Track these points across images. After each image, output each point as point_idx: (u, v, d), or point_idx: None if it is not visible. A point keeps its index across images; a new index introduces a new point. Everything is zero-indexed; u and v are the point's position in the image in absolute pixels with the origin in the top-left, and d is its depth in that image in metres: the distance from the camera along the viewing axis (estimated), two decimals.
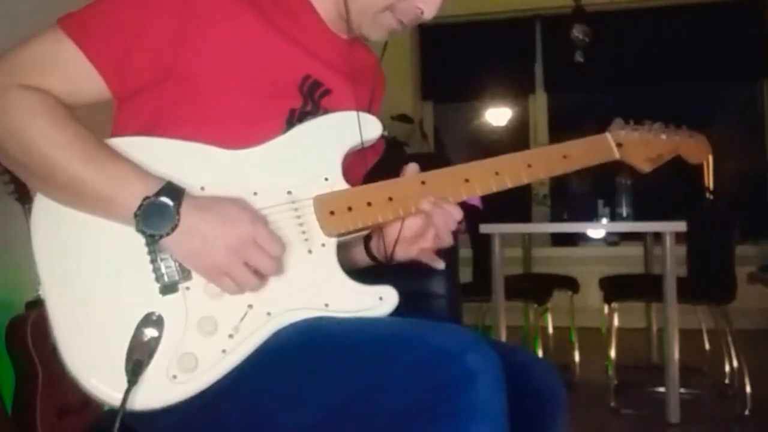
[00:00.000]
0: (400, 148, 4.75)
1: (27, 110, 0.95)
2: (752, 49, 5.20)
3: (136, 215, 0.92)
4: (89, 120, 1.01)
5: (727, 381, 3.46)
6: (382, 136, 1.12)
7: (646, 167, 1.21)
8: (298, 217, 1.03)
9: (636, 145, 1.20)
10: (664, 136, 1.23)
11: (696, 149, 1.26)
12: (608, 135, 1.20)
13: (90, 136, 0.97)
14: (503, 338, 3.33)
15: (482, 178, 1.10)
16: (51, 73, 0.98)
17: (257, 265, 0.95)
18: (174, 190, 0.94)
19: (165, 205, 0.93)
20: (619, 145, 1.19)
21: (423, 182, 1.09)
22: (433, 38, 5.64)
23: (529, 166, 1.13)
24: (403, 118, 5.01)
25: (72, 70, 0.99)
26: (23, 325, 2.06)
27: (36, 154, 0.94)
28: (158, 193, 0.93)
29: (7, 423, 2.04)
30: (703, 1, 5.20)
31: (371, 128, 1.10)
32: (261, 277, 0.96)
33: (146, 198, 0.92)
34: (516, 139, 5.76)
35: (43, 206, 0.99)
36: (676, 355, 3.07)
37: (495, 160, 1.12)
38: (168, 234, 0.93)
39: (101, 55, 0.99)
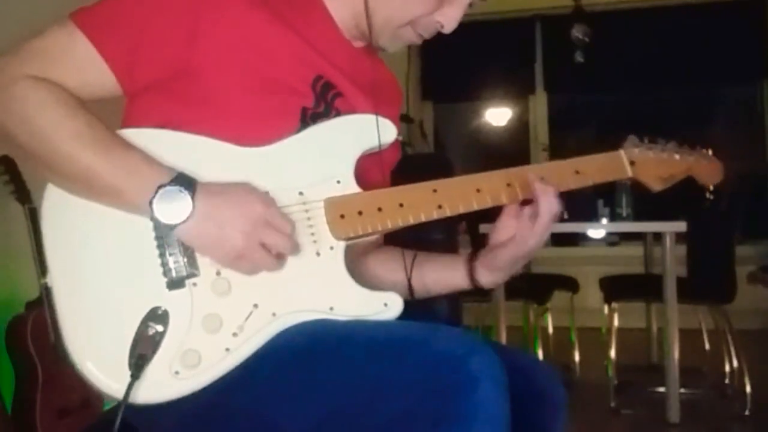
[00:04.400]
0: (400, 148, 4.75)
1: (38, 100, 0.95)
2: (752, 49, 5.20)
3: (151, 203, 0.92)
4: (99, 115, 1.01)
5: (727, 381, 3.46)
6: (396, 140, 1.13)
7: (657, 186, 1.21)
8: (309, 218, 1.03)
9: (649, 164, 1.20)
10: (677, 156, 1.22)
11: (708, 172, 1.25)
12: (622, 152, 1.19)
13: (100, 126, 0.97)
14: (503, 338, 3.34)
15: (494, 188, 1.10)
16: (63, 66, 0.99)
17: (273, 244, 0.96)
18: (187, 179, 0.94)
19: (180, 192, 0.93)
20: (632, 162, 1.18)
21: (434, 190, 1.09)
22: (433, 38, 5.62)
23: (541, 179, 1.12)
24: (404, 118, 5.00)
25: (83, 64, 0.99)
26: (23, 325, 2.06)
27: (46, 144, 0.94)
28: (172, 182, 0.93)
29: (7, 423, 2.04)
30: (703, 1, 5.19)
31: (386, 132, 1.10)
32: (278, 256, 0.97)
33: (161, 186, 0.93)
34: (516, 139, 5.76)
35: (54, 195, 0.99)
36: (676, 355, 3.07)
37: (508, 171, 1.12)
38: (184, 222, 0.93)
39: (112, 49, 0.99)
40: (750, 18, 5.19)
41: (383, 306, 1.03)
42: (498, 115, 5.94)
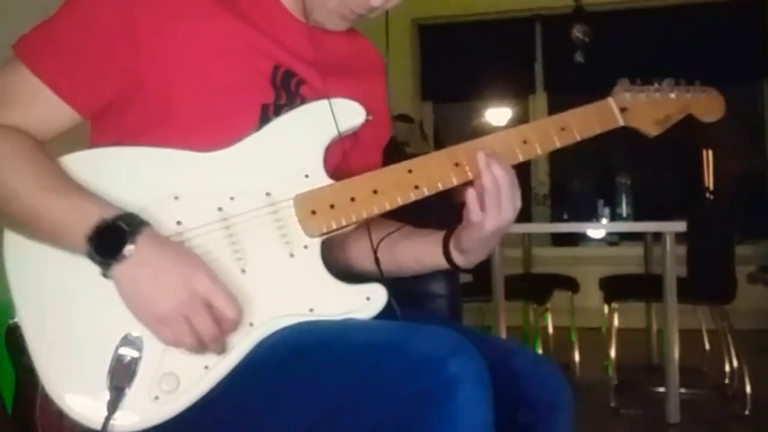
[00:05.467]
0: (400, 148, 4.74)
1: None
2: (752, 49, 5.20)
3: (88, 237, 0.87)
4: (66, 140, 0.99)
5: (727, 381, 3.45)
6: (372, 117, 1.06)
7: (653, 130, 1.12)
8: (278, 220, 0.99)
9: (642, 107, 1.11)
10: (673, 95, 1.13)
11: (709, 105, 1.14)
12: (611, 100, 1.11)
13: (48, 168, 0.94)
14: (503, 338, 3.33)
15: (473, 160, 1.02)
16: (14, 107, 0.96)
17: (200, 329, 0.89)
18: (133, 219, 0.89)
19: (120, 229, 0.87)
20: (623, 109, 1.10)
21: (409, 170, 1.02)
22: (433, 38, 5.64)
23: (525, 142, 1.05)
24: (403, 118, 5.00)
25: (33, 100, 0.96)
26: None
27: None
28: (116, 219, 0.88)
29: (7, 423, 2.04)
30: (703, 1, 5.19)
31: (352, 114, 1.04)
32: (201, 340, 0.89)
33: (102, 220, 0.88)
34: None
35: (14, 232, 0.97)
36: (676, 355, 3.06)
37: (486, 138, 1.05)
38: (118, 262, 0.87)
39: (58, 78, 0.96)
40: (750, 18, 5.19)
41: (365, 300, 0.99)
42: (498, 115, 5.93)
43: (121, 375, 0.92)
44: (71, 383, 0.94)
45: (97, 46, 0.97)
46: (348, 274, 1.03)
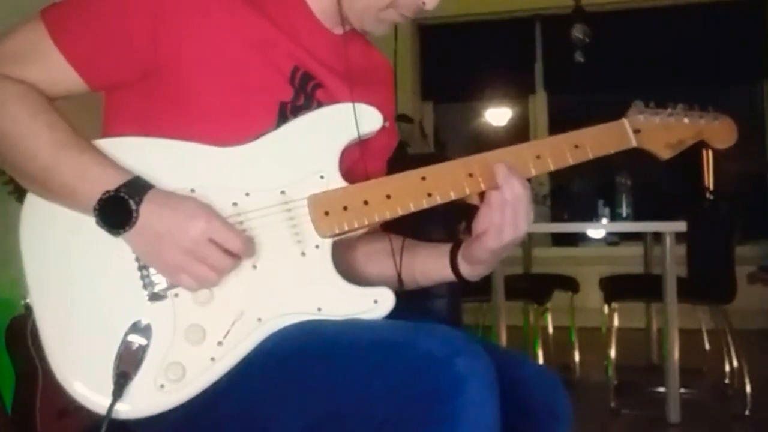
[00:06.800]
0: (400, 148, 4.74)
1: (2, 99, 0.96)
2: (752, 49, 5.20)
3: (95, 209, 0.92)
4: (79, 115, 1.01)
5: (727, 381, 3.45)
6: (386, 125, 1.08)
7: (665, 154, 1.13)
8: (291, 218, 1.00)
9: (656, 130, 1.12)
10: (686, 120, 1.14)
11: (721, 133, 1.16)
12: (625, 121, 1.12)
13: (61, 126, 0.96)
14: (503, 338, 3.33)
15: (487, 172, 1.03)
16: (28, 64, 0.98)
17: (212, 263, 0.93)
18: (136, 186, 0.93)
19: (123, 200, 0.92)
20: (636, 131, 1.11)
21: (423, 178, 1.03)
22: (433, 38, 5.64)
23: (538, 157, 1.06)
24: (403, 118, 5.00)
25: (47, 62, 0.98)
26: (23, 325, 2.06)
27: (6, 143, 0.95)
28: (119, 189, 0.92)
29: (7, 423, 2.04)
30: (703, 1, 5.20)
31: (371, 120, 1.05)
32: (219, 272, 0.94)
33: (106, 192, 0.92)
34: (516, 139, 5.69)
35: (31, 212, 0.99)
36: (676, 355, 3.06)
37: (500, 152, 1.06)
38: (125, 231, 0.92)
39: (74, 48, 0.98)
40: (750, 18, 5.19)
41: (373, 303, 0.99)
42: (498, 115, 5.94)
43: (128, 361, 0.93)
44: (78, 366, 0.95)
45: (120, 24, 0.98)
46: (357, 283, 1.03)
